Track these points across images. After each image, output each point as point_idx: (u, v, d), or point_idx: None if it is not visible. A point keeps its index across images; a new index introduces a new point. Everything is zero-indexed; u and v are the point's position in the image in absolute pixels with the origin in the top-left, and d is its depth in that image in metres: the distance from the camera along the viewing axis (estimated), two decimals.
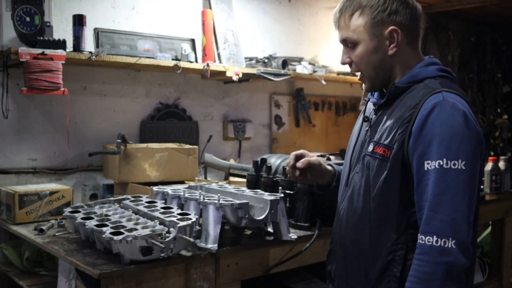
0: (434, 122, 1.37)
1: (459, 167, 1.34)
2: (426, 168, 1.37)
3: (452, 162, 1.34)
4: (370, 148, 1.51)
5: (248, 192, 2.09)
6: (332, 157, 2.50)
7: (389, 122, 1.49)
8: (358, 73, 1.59)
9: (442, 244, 1.31)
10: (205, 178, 3.03)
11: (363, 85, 1.60)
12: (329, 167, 1.77)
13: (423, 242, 1.34)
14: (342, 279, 1.59)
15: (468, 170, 1.34)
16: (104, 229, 1.68)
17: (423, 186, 1.37)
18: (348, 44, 1.54)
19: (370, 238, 1.49)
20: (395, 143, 1.43)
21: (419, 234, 1.37)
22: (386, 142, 1.46)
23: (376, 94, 1.63)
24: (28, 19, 2.39)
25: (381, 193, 1.46)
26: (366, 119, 1.60)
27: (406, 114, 1.44)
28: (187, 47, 2.94)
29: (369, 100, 1.66)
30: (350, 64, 1.57)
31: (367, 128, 1.59)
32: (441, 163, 1.34)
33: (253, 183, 2.35)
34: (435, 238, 1.32)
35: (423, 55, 1.57)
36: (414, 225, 1.43)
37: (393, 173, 1.44)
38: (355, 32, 1.51)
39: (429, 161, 1.36)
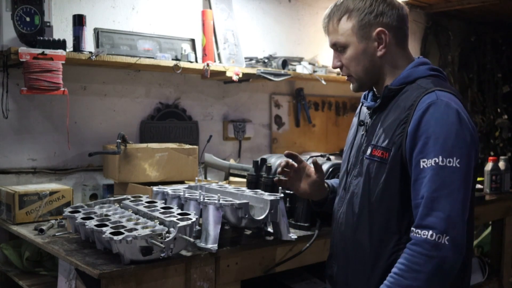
0: (429, 121, 1.39)
1: (454, 165, 1.35)
2: (422, 166, 1.38)
3: (448, 159, 1.35)
4: (369, 151, 1.52)
5: (248, 192, 2.08)
6: (332, 157, 2.50)
7: (385, 125, 1.50)
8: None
9: (436, 239, 1.32)
10: (205, 178, 3.03)
11: (351, 86, 1.63)
12: (325, 184, 1.80)
13: (419, 235, 1.35)
14: (343, 281, 1.60)
15: (463, 168, 1.35)
16: (104, 229, 1.68)
17: (419, 184, 1.38)
18: (338, 48, 1.58)
19: (372, 240, 1.49)
20: (393, 145, 1.45)
21: (413, 228, 1.37)
22: (383, 144, 1.47)
23: (369, 98, 1.65)
24: (28, 19, 2.39)
25: (382, 195, 1.47)
26: (362, 123, 1.62)
27: (402, 115, 1.45)
28: (187, 47, 2.94)
29: (362, 104, 1.68)
30: (341, 68, 1.61)
31: (363, 132, 1.60)
32: (437, 161, 1.35)
33: (253, 183, 2.35)
34: (430, 232, 1.33)
35: (412, 55, 1.59)
36: None
37: (392, 174, 1.45)
38: (343, 36, 1.54)
39: (425, 159, 1.37)
